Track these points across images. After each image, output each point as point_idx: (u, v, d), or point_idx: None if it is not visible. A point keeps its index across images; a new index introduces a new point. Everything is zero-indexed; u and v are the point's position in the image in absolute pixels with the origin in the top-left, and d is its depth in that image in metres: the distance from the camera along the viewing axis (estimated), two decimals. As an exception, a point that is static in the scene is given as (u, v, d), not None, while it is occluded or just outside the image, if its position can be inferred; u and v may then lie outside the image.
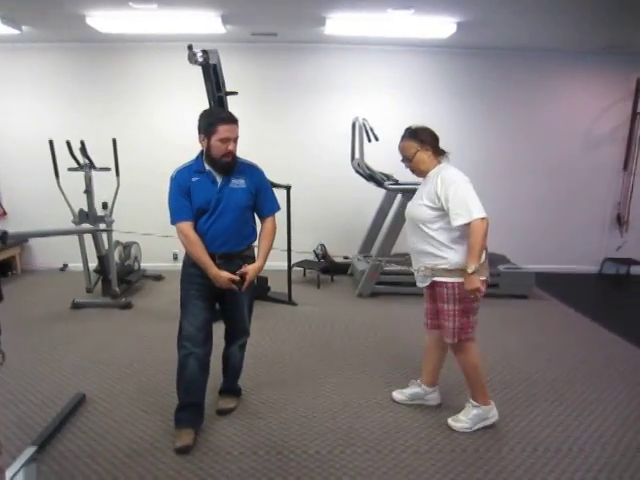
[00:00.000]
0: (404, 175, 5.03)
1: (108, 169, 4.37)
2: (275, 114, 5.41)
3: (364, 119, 4.46)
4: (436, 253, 2.34)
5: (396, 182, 4.65)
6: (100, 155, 4.34)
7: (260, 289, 4.59)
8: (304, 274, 5.46)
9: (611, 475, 2.17)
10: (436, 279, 2.36)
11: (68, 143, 4.14)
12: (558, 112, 5.57)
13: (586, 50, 5.27)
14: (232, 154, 2.26)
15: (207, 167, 2.29)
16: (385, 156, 5.24)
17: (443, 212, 2.28)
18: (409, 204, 2.52)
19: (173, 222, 2.31)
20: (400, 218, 4.55)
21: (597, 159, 5.70)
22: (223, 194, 2.27)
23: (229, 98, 4.06)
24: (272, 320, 4.04)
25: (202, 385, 2.39)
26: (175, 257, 5.59)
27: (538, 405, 2.76)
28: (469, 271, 2.19)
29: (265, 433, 2.44)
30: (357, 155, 4.58)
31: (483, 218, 2.19)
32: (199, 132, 2.25)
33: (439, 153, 2.45)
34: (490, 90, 5.45)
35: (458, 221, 2.21)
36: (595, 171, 5.72)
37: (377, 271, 4.66)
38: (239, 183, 2.31)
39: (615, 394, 2.92)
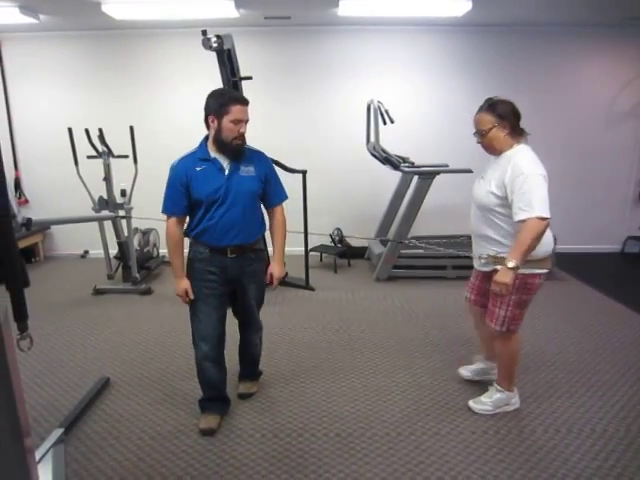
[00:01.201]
0: (420, 157, 5.03)
1: (126, 156, 4.40)
2: (289, 98, 5.36)
3: (379, 101, 4.39)
4: (502, 241, 2.21)
5: (412, 164, 4.59)
6: (118, 142, 4.36)
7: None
8: (321, 259, 5.46)
9: (637, 455, 2.15)
10: (498, 267, 2.18)
11: (87, 131, 4.18)
12: (576, 89, 5.41)
13: (603, 23, 5.09)
14: (243, 137, 2.15)
15: (212, 154, 2.17)
16: (400, 138, 5.23)
17: (507, 201, 2.13)
18: (475, 185, 2.35)
19: (162, 212, 2.23)
20: (417, 201, 4.52)
21: (618, 136, 5.54)
22: (232, 182, 2.15)
23: (243, 83, 4.04)
24: (290, 305, 4.06)
25: (222, 381, 2.41)
26: (193, 243, 5.64)
27: (560, 386, 2.73)
28: (509, 265, 2.05)
29: (286, 417, 2.46)
30: (372, 138, 4.53)
31: (544, 218, 2.01)
32: (207, 113, 2.13)
33: (518, 133, 2.21)
34: (505, 68, 5.30)
35: (519, 216, 2.05)
36: (616, 148, 5.57)
37: (394, 255, 4.63)
38: (249, 171, 2.20)
39: (639, 374, 2.88)
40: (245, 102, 2.14)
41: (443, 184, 4.72)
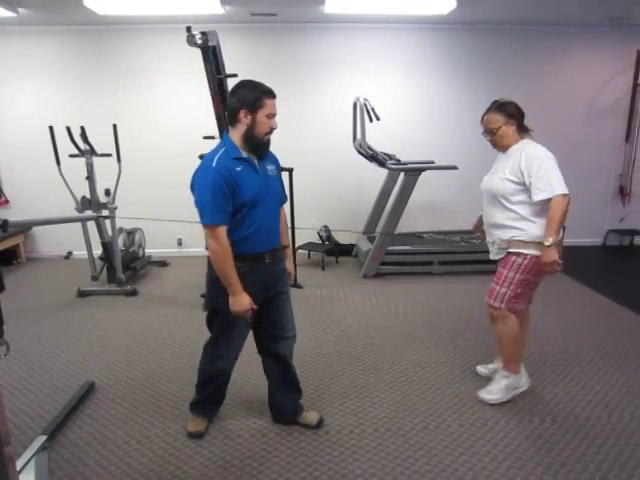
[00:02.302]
0: (406, 154, 5.04)
1: (109, 155, 4.33)
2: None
3: (365, 99, 4.39)
4: (515, 225, 2.34)
5: (398, 162, 4.60)
6: (101, 141, 4.30)
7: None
8: (309, 256, 5.45)
9: (619, 441, 2.21)
10: (511, 250, 2.36)
11: (68, 129, 4.10)
12: (560, 86, 5.47)
13: (586, 22, 5.17)
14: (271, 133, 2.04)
15: (244, 153, 1.99)
16: (387, 135, 5.24)
17: (525, 186, 2.29)
18: (486, 178, 2.51)
19: (207, 223, 1.90)
20: (404, 197, 4.53)
21: (599, 131, 5.64)
22: (266, 182, 2.03)
23: (229, 80, 4.00)
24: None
25: (225, 391, 2.38)
26: (180, 242, 5.59)
27: (544, 377, 2.78)
28: (546, 244, 2.20)
29: (274, 415, 2.45)
30: (359, 136, 4.53)
31: (565, 195, 2.20)
32: (238, 107, 1.94)
33: (523, 130, 2.43)
34: (491, 66, 5.34)
35: (539, 196, 2.23)
36: (597, 143, 5.66)
37: (381, 252, 4.64)
38: (272, 170, 2.10)
39: (620, 363, 2.95)
40: (275, 95, 2.04)
41: (429, 180, 4.74)
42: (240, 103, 1.95)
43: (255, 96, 1.95)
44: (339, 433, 2.30)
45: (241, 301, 1.97)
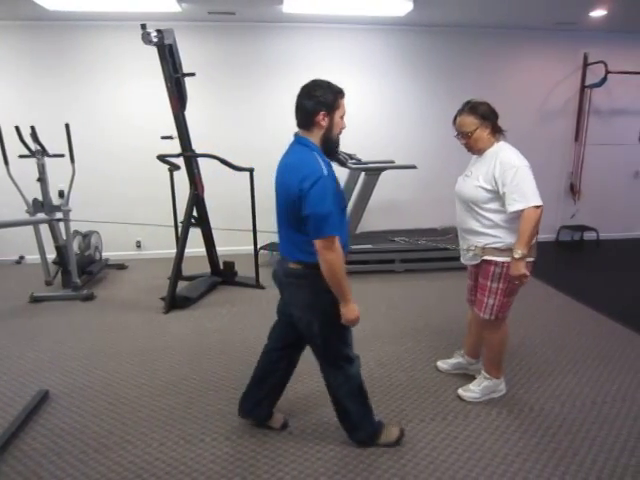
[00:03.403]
0: (366, 154, 5.09)
1: (62, 155, 4.18)
2: (235, 96, 5.27)
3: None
4: (488, 232, 2.31)
5: (359, 161, 4.65)
6: (55, 141, 4.14)
7: (227, 274, 4.55)
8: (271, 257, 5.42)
9: (571, 429, 2.32)
10: (486, 257, 2.33)
11: (17, 128, 3.94)
12: (513, 87, 5.66)
13: (537, 27, 5.38)
14: None
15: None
16: (347, 135, 5.27)
17: (498, 194, 2.23)
18: (460, 183, 2.42)
19: (330, 234, 1.78)
20: (365, 196, 4.58)
21: (550, 131, 5.87)
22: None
23: (187, 80, 3.94)
24: (240, 305, 4.01)
25: None
26: (138, 245, 5.45)
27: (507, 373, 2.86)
28: (516, 256, 2.17)
29: (237, 418, 2.41)
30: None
31: (538, 206, 2.16)
32: (318, 109, 1.85)
33: (497, 131, 2.35)
34: (449, 67, 5.47)
35: (514, 207, 2.17)
36: (549, 143, 5.90)
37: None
38: None
39: (572, 354, 3.09)
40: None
41: (390, 180, 4.81)
42: (319, 105, 1.85)
43: (332, 97, 1.87)
44: (303, 432, 2.31)
45: (354, 309, 1.97)
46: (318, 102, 1.85)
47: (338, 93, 1.89)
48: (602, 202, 6.14)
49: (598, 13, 4.74)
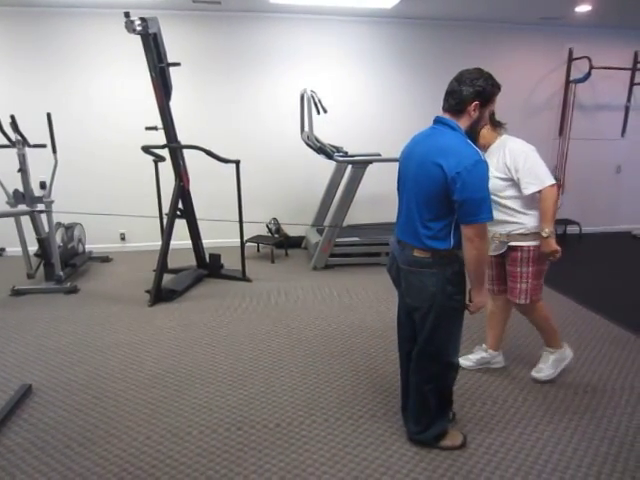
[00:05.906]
0: (353, 147, 5.09)
1: (44, 146, 4.09)
2: (221, 87, 5.21)
3: (312, 91, 4.39)
4: (510, 220, 2.42)
5: (345, 154, 4.64)
6: (36, 130, 4.05)
7: (213, 267, 4.52)
8: (258, 249, 5.41)
9: (546, 414, 2.37)
10: (512, 244, 2.44)
11: (-5, 118, 3.85)
12: (499, 81, 5.65)
13: (522, 21, 5.42)
14: None
15: None
16: (334, 128, 5.27)
17: (513, 181, 2.36)
18: None
19: (486, 219, 1.77)
20: (351, 189, 4.58)
21: (535, 125, 5.93)
22: None
23: (172, 70, 3.88)
24: (227, 298, 3.99)
25: None
26: (123, 237, 5.38)
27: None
28: (544, 235, 2.33)
29: (224, 411, 2.43)
30: (307, 127, 4.52)
31: (553, 184, 2.32)
32: (473, 98, 1.81)
33: (496, 125, 2.48)
34: (435, 60, 5.48)
35: (530, 189, 2.31)
36: (534, 137, 5.79)
37: (330, 244, 4.68)
38: None
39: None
40: None
41: (377, 172, 4.81)
42: (476, 95, 1.81)
43: (491, 91, 1.85)
44: (290, 425, 2.31)
45: (486, 293, 2.00)
46: (477, 92, 1.82)
47: (498, 89, 1.89)
48: (585, 196, 6.24)
49: (583, 8, 4.79)
